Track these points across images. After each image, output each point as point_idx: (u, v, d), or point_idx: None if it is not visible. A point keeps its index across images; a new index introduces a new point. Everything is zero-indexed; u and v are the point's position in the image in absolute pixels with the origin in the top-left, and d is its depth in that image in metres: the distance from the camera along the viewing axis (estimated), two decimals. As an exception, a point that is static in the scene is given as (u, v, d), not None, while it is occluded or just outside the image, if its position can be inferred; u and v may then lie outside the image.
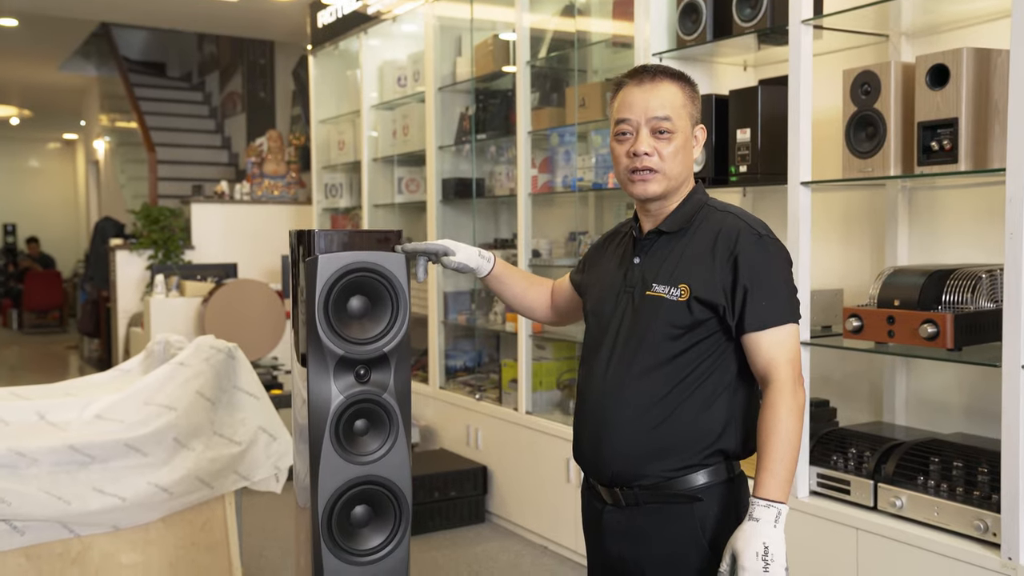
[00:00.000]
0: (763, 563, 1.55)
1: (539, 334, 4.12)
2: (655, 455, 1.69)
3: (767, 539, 1.56)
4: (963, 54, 2.34)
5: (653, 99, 1.71)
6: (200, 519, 3.25)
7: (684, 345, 1.68)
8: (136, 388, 3.16)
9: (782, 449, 1.60)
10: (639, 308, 1.72)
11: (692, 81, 1.78)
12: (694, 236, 1.72)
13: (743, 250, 1.66)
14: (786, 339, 1.65)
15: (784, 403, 1.61)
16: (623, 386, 1.71)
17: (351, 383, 1.89)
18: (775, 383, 1.63)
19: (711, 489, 1.69)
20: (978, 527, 2.31)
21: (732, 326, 1.67)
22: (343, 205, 5.94)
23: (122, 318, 6.98)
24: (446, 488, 4.18)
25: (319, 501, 1.90)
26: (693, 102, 1.75)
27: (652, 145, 1.70)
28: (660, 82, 1.72)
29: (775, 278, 1.66)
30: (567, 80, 4.13)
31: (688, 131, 1.73)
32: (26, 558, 2.83)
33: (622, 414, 1.70)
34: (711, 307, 1.67)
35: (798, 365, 1.66)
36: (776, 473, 1.59)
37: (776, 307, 1.65)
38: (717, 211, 1.74)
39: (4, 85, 12.24)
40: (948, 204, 2.84)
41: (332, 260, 1.85)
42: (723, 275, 1.66)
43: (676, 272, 1.70)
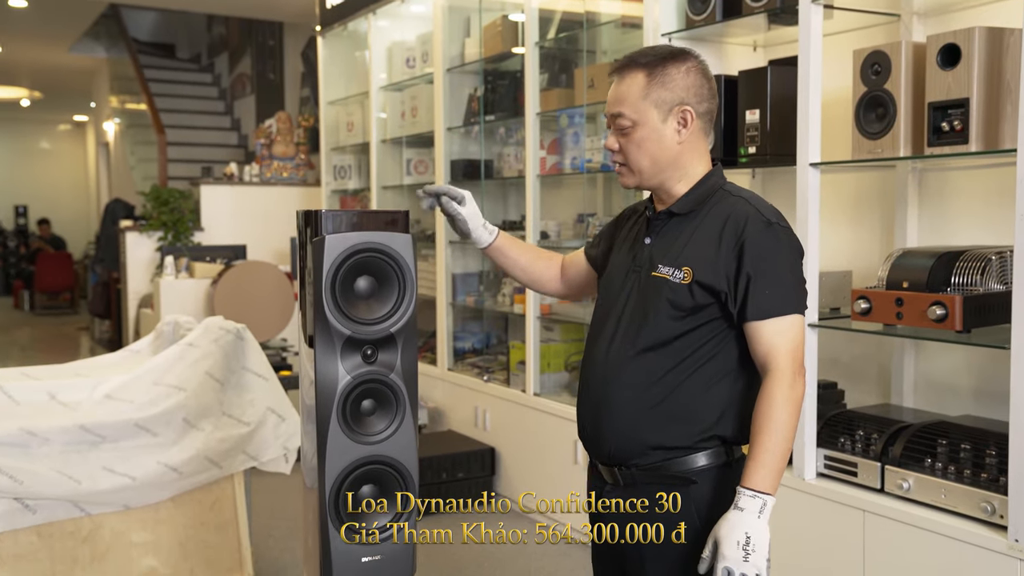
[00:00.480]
0: (743, 553, 1.54)
1: (547, 316, 4.13)
2: (652, 434, 1.69)
3: (749, 529, 1.56)
4: (974, 33, 2.31)
5: (616, 93, 1.72)
6: (209, 499, 3.27)
7: (685, 327, 1.67)
8: (146, 369, 3.18)
9: (773, 440, 1.59)
10: (644, 288, 1.72)
11: (681, 58, 1.71)
12: (704, 219, 1.70)
13: (749, 236, 1.64)
14: (788, 329, 1.63)
15: (780, 394, 1.61)
16: (623, 365, 1.71)
17: (358, 363, 1.90)
18: (773, 373, 1.62)
19: (707, 472, 1.69)
20: (985, 509, 2.31)
21: (734, 313, 1.66)
22: (352, 187, 5.94)
23: (132, 299, 7.02)
24: (454, 469, 4.20)
25: (326, 481, 1.91)
26: (663, 87, 1.68)
27: (616, 140, 1.73)
28: (624, 75, 1.71)
29: (780, 267, 1.64)
30: (576, 61, 4.11)
31: (652, 119, 1.69)
32: (38, 536, 2.86)
33: (621, 392, 1.71)
34: (713, 292, 1.66)
35: (800, 356, 1.64)
36: (765, 464, 1.59)
37: (779, 296, 1.63)
38: (731, 195, 1.72)
39: (14, 67, 12.26)
40: (958, 185, 2.82)
41: (339, 240, 1.85)
42: (727, 261, 1.65)
43: (682, 254, 1.69)
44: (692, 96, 1.70)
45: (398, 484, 1.94)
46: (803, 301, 1.67)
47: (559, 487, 3.86)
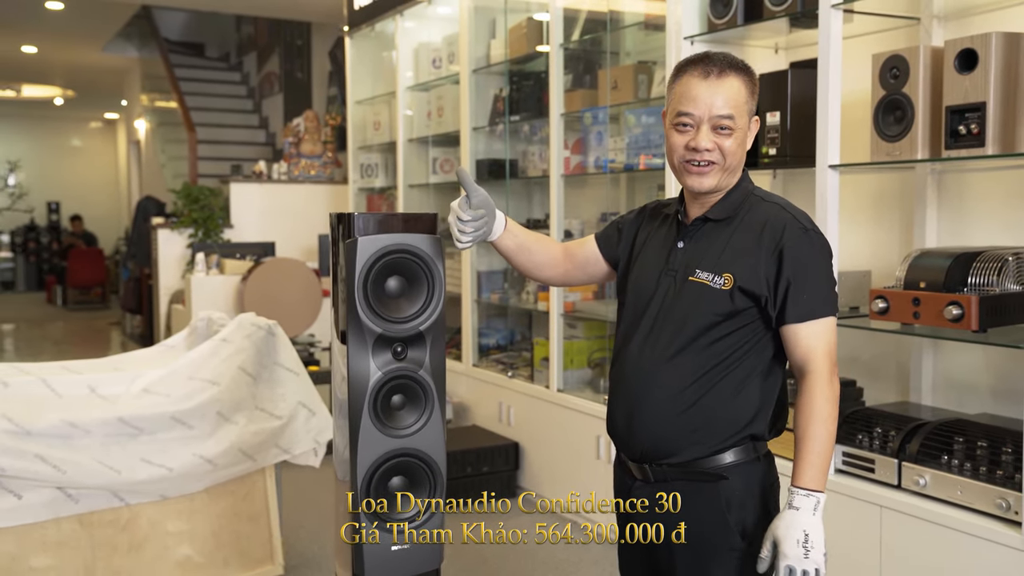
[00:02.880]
0: (804, 550, 1.60)
1: (570, 313, 4.19)
2: (685, 436, 1.74)
3: (807, 527, 1.62)
4: (991, 39, 2.35)
5: (718, 96, 1.70)
6: (242, 490, 3.37)
7: (722, 332, 1.72)
8: (181, 363, 3.28)
9: (819, 440, 1.65)
10: (681, 292, 1.75)
11: (754, 73, 1.78)
12: (740, 225, 1.75)
13: (788, 243, 1.69)
14: (824, 331, 1.69)
15: (821, 394, 1.66)
16: (658, 367, 1.75)
17: (389, 360, 1.98)
18: (812, 374, 1.68)
19: (737, 468, 1.74)
20: (1000, 505, 2.36)
21: (773, 316, 1.71)
22: (378, 185, 6.04)
23: (163, 295, 7.16)
24: (479, 463, 4.28)
25: (358, 472, 1.99)
26: (753, 96, 1.76)
27: (713, 141, 1.72)
28: (726, 77, 1.72)
29: (817, 272, 1.70)
30: (600, 62, 4.17)
31: (747, 125, 1.75)
32: (80, 524, 2.97)
33: (655, 394, 1.75)
34: (753, 297, 1.70)
35: (834, 356, 1.70)
36: (814, 464, 1.65)
37: (816, 300, 1.69)
38: (764, 201, 1.77)
39: (49, 66, 12.50)
40: (977, 187, 2.85)
41: (371, 242, 1.93)
42: (767, 267, 1.70)
43: (721, 261, 1.73)
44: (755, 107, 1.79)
45: (427, 475, 2.02)
46: (836, 303, 1.73)
47: (582, 481, 3.93)
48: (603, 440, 3.78)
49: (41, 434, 2.85)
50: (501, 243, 1.96)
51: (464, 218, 1.86)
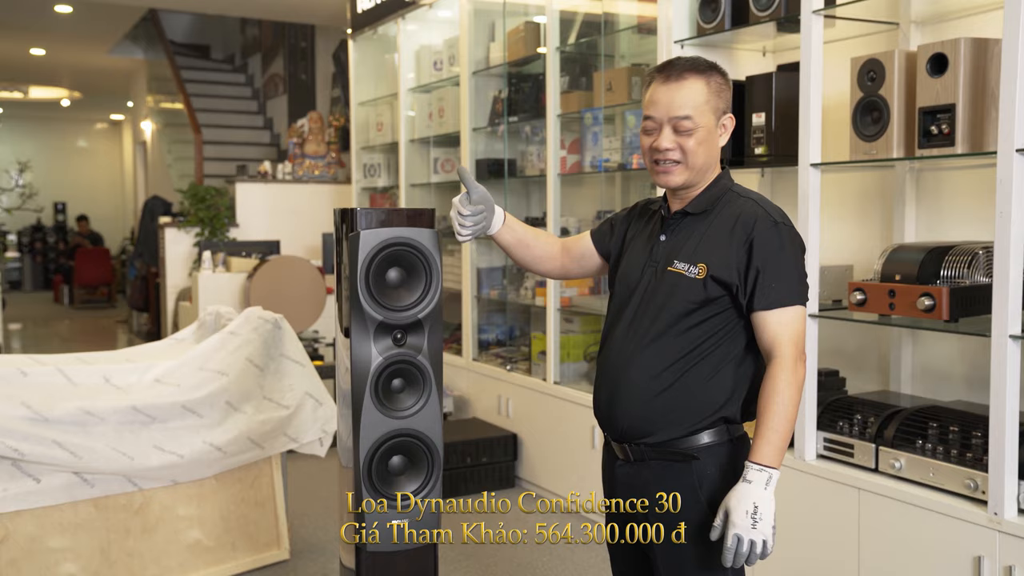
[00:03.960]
0: (752, 520, 1.71)
1: (567, 308, 4.33)
2: (661, 417, 1.86)
3: (757, 500, 1.72)
4: (960, 44, 2.48)
5: (676, 98, 1.82)
6: (249, 477, 3.51)
7: (697, 319, 1.83)
8: (191, 355, 3.42)
9: (778, 420, 1.76)
10: (660, 282, 1.87)
11: (721, 72, 1.87)
12: (716, 219, 1.86)
13: (758, 234, 1.80)
14: (791, 319, 1.80)
15: (784, 378, 1.77)
16: (637, 351, 1.88)
17: (389, 346, 2.11)
18: (778, 359, 1.78)
19: (710, 449, 1.85)
20: (969, 485, 2.49)
21: (743, 304, 1.82)
22: (381, 184, 6.17)
23: (171, 293, 7.30)
24: (478, 454, 4.41)
25: (360, 452, 2.13)
26: (719, 95, 1.85)
27: (674, 141, 1.84)
28: (684, 80, 1.83)
29: (786, 262, 1.80)
30: (595, 65, 4.30)
31: (711, 124, 1.85)
32: (95, 507, 3.11)
33: (634, 377, 1.88)
34: (725, 286, 1.81)
35: (801, 343, 1.80)
36: (771, 441, 1.75)
37: (784, 289, 1.79)
38: (740, 196, 1.88)
39: (57, 68, 12.66)
40: (952, 185, 2.98)
41: (372, 235, 2.07)
42: (738, 257, 1.81)
43: (696, 252, 1.85)
44: (729, 106, 1.89)
45: (425, 454, 2.16)
46: (805, 294, 1.83)
47: (578, 471, 4.06)
48: (598, 430, 3.91)
49: (58, 421, 2.99)
50: (500, 237, 2.10)
51: (464, 212, 2.00)
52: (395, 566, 2.21)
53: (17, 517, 2.95)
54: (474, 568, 3.53)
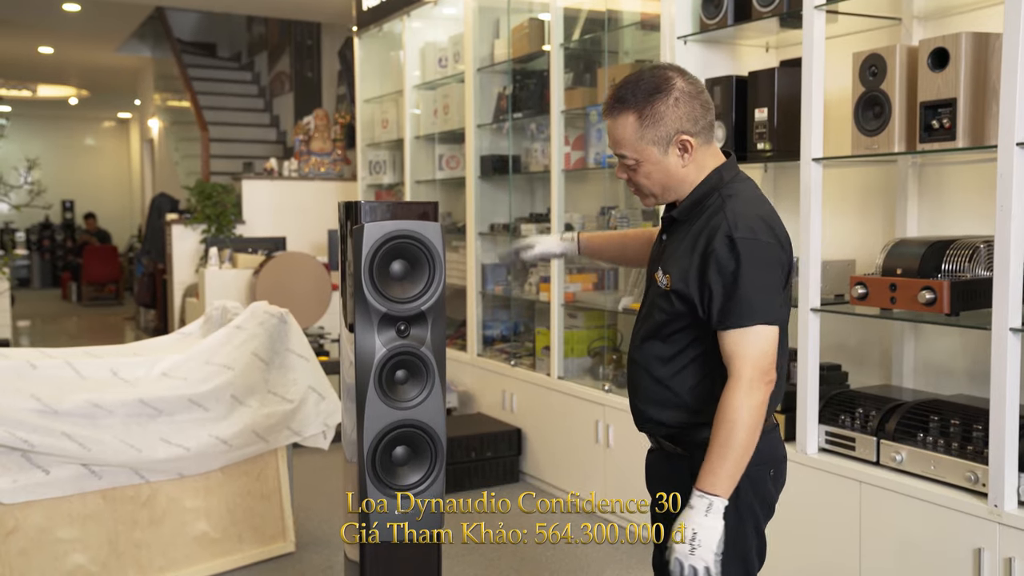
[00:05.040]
0: (690, 547, 1.68)
1: (571, 303, 4.34)
2: (656, 411, 1.89)
3: (696, 526, 1.68)
4: (961, 38, 2.49)
5: (612, 135, 1.82)
6: (255, 470, 3.54)
7: (676, 326, 1.82)
8: (198, 349, 3.45)
9: (725, 446, 1.69)
10: (650, 284, 1.92)
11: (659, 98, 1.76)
12: (693, 227, 1.81)
13: (714, 250, 1.73)
14: (748, 340, 1.71)
15: (735, 401, 1.69)
16: (637, 350, 1.93)
17: (393, 337, 2.14)
18: (732, 380, 1.72)
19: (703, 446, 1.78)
20: (969, 478, 2.50)
21: (704, 319, 1.77)
22: (386, 181, 6.19)
23: (178, 289, 7.34)
24: (483, 449, 4.43)
25: (364, 442, 2.15)
26: (656, 126, 1.76)
27: (625, 174, 1.86)
28: (616, 116, 1.80)
29: (740, 281, 1.71)
30: (599, 61, 4.31)
31: (654, 155, 1.78)
32: (103, 499, 3.14)
33: (638, 374, 1.92)
34: (686, 300, 1.78)
35: (763, 364, 1.71)
36: (715, 468, 1.69)
37: (738, 309, 1.71)
38: (721, 199, 1.79)
39: (64, 67, 12.72)
40: (954, 179, 2.99)
41: (376, 228, 2.09)
42: (695, 272, 1.76)
43: (669, 261, 1.84)
44: (687, 123, 1.77)
45: (428, 445, 2.18)
46: (767, 312, 1.72)
47: (582, 465, 4.08)
48: (602, 425, 3.93)
49: (67, 413, 3.02)
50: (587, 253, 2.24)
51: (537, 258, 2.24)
52: (399, 560, 2.24)
53: (27, 508, 2.98)
54: (477, 562, 3.56)
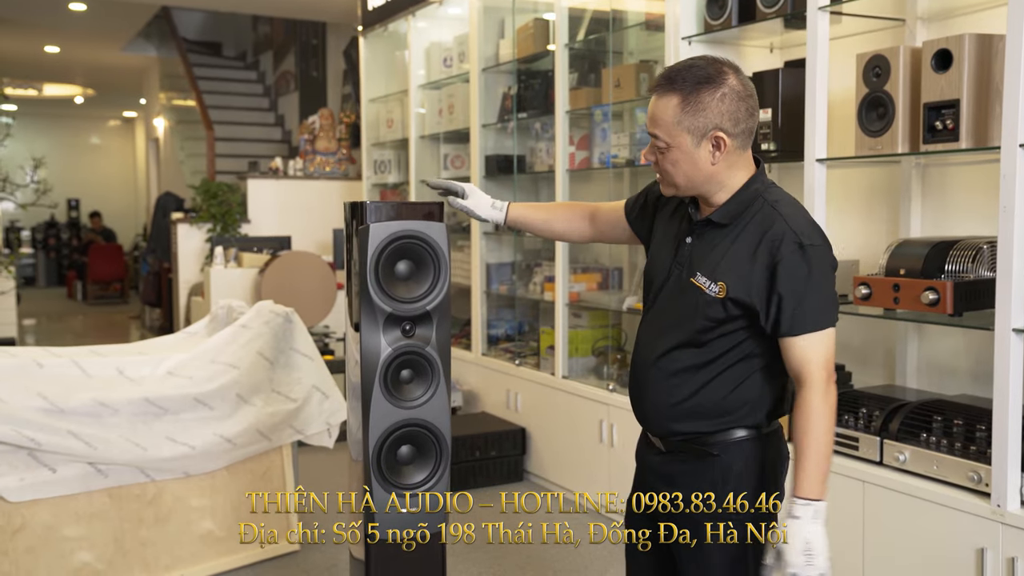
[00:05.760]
0: (806, 558, 1.66)
1: (575, 303, 4.35)
2: (684, 420, 1.83)
3: (808, 535, 1.67)
4: (965, 40, 2.50)
5: (654, 112, 1.77)
6: (260, 468, 3.56)
7: (717, 333, 1.78)
8: (203, 348, 3.47)
9: (816, 449, 1.70)
10: (682, 290, 1.82)
11: (708, 88, 1.72)
12: (741, 233, 1.76)
13: (783, 259, 1.70)
14: (820, 343, 1.72)
15: (816, 405, 1.71)
16: (660, 355, 1.84)
17: (398, 337, 2.15)
18: (808, 385, 1.72)
19: (737, 445, 1.81)
20: (972, 478, 2.51)
21: (767, 327, 1.74)
22: (391, 181, 6.21)
23: (183, 288, 7.36)
24: (487, 448, 4.45)
25: (370, 441, 2.17)
26: (696, 114, 1.72)
27: (653, 156, 1.81)
28: (662, 96, 1.75)
29: (812, 287, 1.71)
30: (603, 61, 4.32)
31: (686, 144, 1.74)
32: (109, 498, 3.16)
33: (657, 379, 1.85)
34: (744, 307, 1.75)
35: (831, 366, 1.73)
36: (812, 474, 1.69)
37: (810, 313, 1.71)
38: (770, 207, 1.76)
39: (70, 66, 12.75)
40: (958, 180, 3.00)
41: (382, 228, 2.10)
42: (760, 280, 1.73)
43: (719, 268, 1.77)
44: (727, 121, 1.73)
45: (433, 444, 2.19)
46: (834, 314, 1.75)
47: (586, 464, 4.09)
48: (606, 424, 3.94)
49: (73, 412, 3.04)
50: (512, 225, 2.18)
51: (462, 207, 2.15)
52: (404, 558, 2.25)
53: (34, 506, 3.00)
54: (481, 560, 3.57)
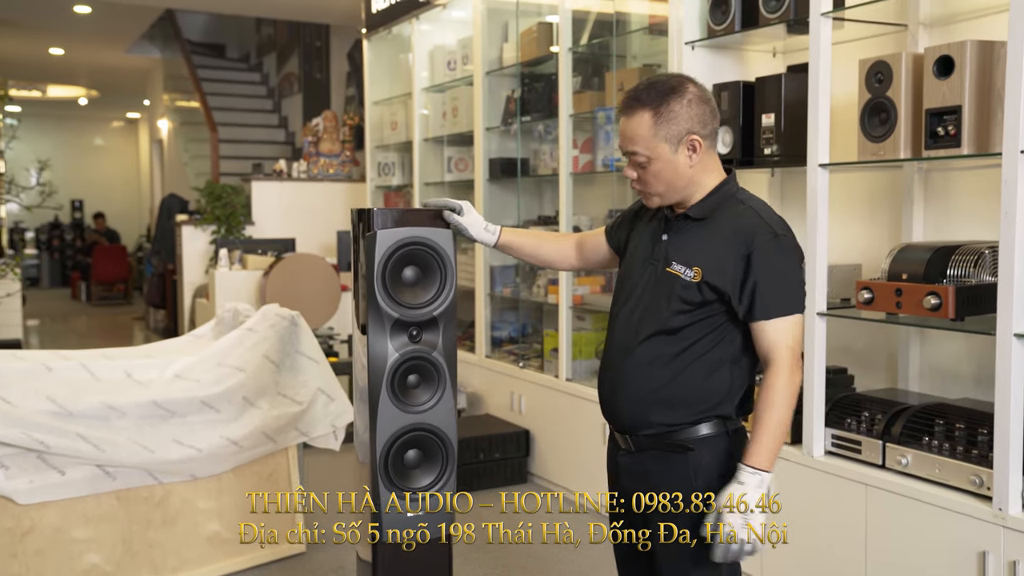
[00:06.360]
0: (743, 520, 1.80)
1: (579, 306, 4.38)
2: (658, 411, 1.93)
3: (749, 500, 1.80)
4: (967, 46, 2.52)
5: (626, 132, 1.91)
6: (266, 471, 3.58)
7: (690, 319, 1.89)
8: (210, 351, 3.49)
9: (773, 424, 1.83)
10: (659, 280, 1.93)
11: (682, 93, 1.87)
12: (716, 225, 1.91)
13: (758, 248, 1.84)
14: (788, 328, 1.85)
15: (780, 384, 1.84)
16: (634, 347, 1.94)
17: (405, 342, 2.18)
18: (775, 365, 1.85)
19: (706, 441, 1.92)
20: (974, 482, 2.52)
21: (740, 312, 1.87)
22: (395, 183, 6.23)
23: (188, 290, 7.39)
24: (491, 450, 4.47)
25: (377, 446, 2.19)
26: (673, 121, 1.86)
27: (635, 172, 1.93)
28: (632, 114, 1.89)
29: (784, 275, 1.85)
30: (607, 65, 4.34)
31: (665, 153, 1.88)
32: (117, 500, 3.19)
33: (632, 371, 1.95)
34: (718, 292, 1.87)
35: (798, 350, 1.86)
36: (765, 445, 1.83)
37: (781, 299, 1.85)
38: (742, 204, 1.92)
39: (75, 68, 12.79)
40: (960, 185, 3.02)
41: (389, 235, 2.13)
42: (736, 267, 1.85)
43: (694, 255, 1.90)
44: (697, 124, 1.88)
45: (439, 448, 2.21)
46: (802, 301, 1.89)
47: (589, 466, 4.11)
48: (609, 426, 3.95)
49: (82, 415, 3.07)
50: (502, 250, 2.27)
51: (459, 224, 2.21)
52: (411, 560, 2.27)
53: (43, 508, 3.03)
54: (485, 562, 3.59)
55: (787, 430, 1.86)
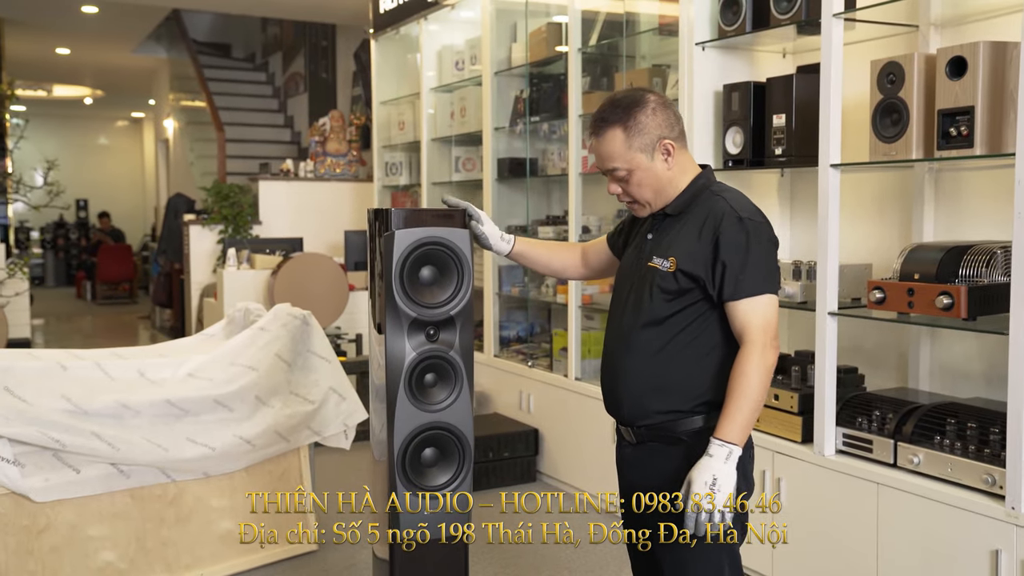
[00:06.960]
0: (710, 490, 1.85)
1: (588, 305, 4.39)
2: (655, 398, 2.00)
3: (717, 472, 1.86)
4: (980, 47, 2.53)
5: (600, 153, 2.02)
6: (279, 469, 3.60)
7: (674, 308, 1.98)
8: (223, 350, 3.51)
9: (743, 399, 1.88)
10: (643, 276, 2.04)
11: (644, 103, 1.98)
12: (690, 217, 2.00)
13: (724, 230, 1.93)
14: (759, 307, 1.92)
15: (751, 361, 1.90)
16: (628, 340, 2.03)
17: (422, 342, 2.19)
18: (747, 344, 1.92)
19: (698, 434, 1.98)
20: (986, 481, 2.54)
21: (713, 296, 1.95)
22: (403, 183, 6.25)
23: (195, 289, 7.41)
24: (500, 449, 4.48)
25: (394, 444, 2.20)
26: (644, 131, 1.97)
27: (618, 187, 2.05)
28: (603, 134, 2.00)
29: (751, 255, 1.92)
30: (616, 66, 4.36)
31: (643, 162, 1.99)
32: (131, 498, 3.20)
33: (628, 364, 2.04)
34: (693, 278, 1.95)
35: (771, 330, 1.92)
36: (734, 419, 1.88)
37: (750, 280, 1.91)
38: (714, 195, 2.00)
39: (80, 67, 12.82)
40: (971, 185, 3.03)
41: (406, 235, 2.14)
42: (706, 252, 1.94)
43: (669, 247, 2.00)
44: (665, 129, 1.99)
45: (456, 447, 2.23)
46: (773, 283, 1.95)
47: (598, 465, 4.12)
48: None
49: (96, 413, 3.09)
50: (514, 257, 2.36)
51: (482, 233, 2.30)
52: (427, 559, 2.28)
53: (58, 506, 3.05)
54: (495, 561, 3.61)
55: (758, 407, 1.91)
